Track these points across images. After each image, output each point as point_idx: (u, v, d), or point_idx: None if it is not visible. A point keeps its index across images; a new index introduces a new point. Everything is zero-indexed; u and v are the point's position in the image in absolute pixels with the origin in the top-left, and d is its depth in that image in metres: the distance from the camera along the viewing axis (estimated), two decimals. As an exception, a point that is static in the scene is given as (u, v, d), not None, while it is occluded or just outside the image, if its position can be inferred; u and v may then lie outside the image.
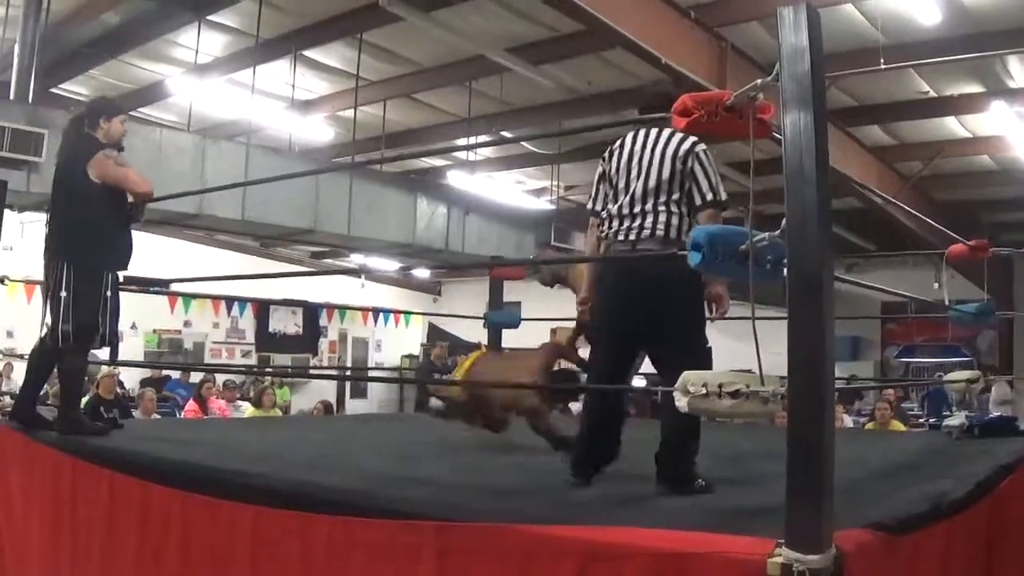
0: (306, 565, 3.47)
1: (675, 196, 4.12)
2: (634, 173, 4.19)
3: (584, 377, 5.08)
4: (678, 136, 4.15)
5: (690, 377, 3.02)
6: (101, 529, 4.56)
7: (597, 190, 4.42)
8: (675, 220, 4.10)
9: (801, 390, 2.58)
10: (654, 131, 4.25)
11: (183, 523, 4.07)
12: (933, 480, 4.08)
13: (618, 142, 4.37)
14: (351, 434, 6.24)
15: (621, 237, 4.18)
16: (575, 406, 7.61)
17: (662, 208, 4.11)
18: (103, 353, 5.98)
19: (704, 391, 2.96)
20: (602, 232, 4.32)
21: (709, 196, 4.10)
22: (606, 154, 4.40)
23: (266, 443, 6.01)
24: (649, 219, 4.12)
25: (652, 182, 4.13)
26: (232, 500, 3.87)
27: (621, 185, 4.23)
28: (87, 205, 5.46)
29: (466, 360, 6.04)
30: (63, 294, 5.33)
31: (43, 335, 5.55)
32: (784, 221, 2.68)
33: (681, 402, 3.02)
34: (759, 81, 2.95)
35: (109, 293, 5.43)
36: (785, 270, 2.72)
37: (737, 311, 4.21)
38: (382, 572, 3.25)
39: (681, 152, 4.13)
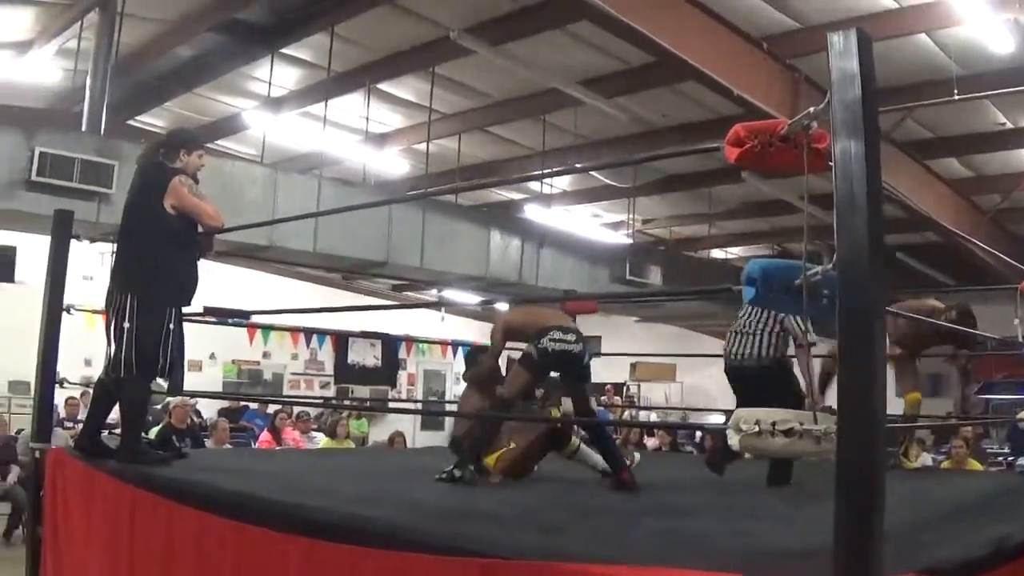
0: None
1: None
2: None
3: None
4: None
5: (742, 415, 2.94)
6: (159, 559, 4.57)
7: None
8: None
9: (850, 428, 2.47)
10: None
11: (236, 554, 4.06)
12: (998, 522, 3.93)
13: None
14: (413, 466, 6.23)
15: None
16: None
17: None
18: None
19: (756, 429, 2.88)
20: None
21: None
22: None
23: (328, 474, 6.00)
24: None
25: None
26: (285, 532, 3.85)
27: None
28: (157, 237, 5.40)
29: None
30: (126, 324, 5.33)
31: (105, 365, 5.57)
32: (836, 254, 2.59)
33: (733, 440, 2.93)
34: (812, 109, 2.86)
35: (172, 326, 5.42)
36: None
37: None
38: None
39: None
